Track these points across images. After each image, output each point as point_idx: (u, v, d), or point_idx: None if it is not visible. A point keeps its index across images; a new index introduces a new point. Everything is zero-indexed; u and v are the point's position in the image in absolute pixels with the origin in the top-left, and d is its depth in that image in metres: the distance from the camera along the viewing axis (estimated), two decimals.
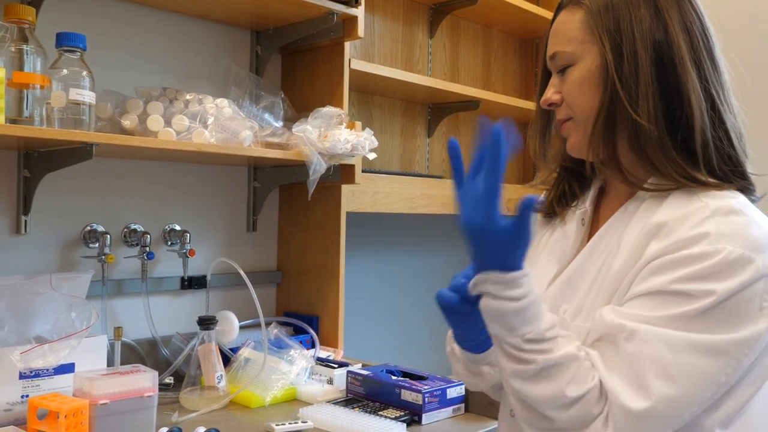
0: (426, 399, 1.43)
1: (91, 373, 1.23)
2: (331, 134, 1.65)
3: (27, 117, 1.28)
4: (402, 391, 1.46)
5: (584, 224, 0.99)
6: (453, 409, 1.49)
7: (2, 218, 1.49)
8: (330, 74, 1.85)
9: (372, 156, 1.75)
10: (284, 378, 1.55)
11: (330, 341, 1.86)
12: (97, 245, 1.58)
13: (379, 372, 1.56)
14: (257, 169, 1.92)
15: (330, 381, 1.61)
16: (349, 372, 1.58)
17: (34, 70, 1.29)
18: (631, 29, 0.87)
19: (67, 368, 1.32)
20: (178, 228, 1.74)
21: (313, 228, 1.91)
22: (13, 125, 1.23)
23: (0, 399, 1.25)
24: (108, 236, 1.58)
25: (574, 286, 0.92)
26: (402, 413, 1.43)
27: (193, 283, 1.75)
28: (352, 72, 1.85)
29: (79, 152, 1.33)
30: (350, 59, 1.83)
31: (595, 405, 0.79)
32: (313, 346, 1.81)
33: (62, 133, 1.27)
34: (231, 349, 1.67)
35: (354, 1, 1.73)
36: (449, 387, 1.48)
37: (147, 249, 1.63)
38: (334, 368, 1.63)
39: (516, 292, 0.80)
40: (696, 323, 0.77)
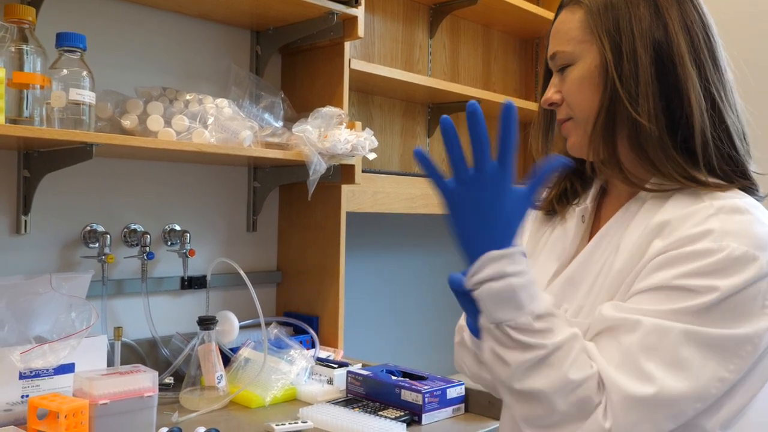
0: (426, 399, 1.42)
1: (91, 373, 1.23)
2: (331, 134, 1.65)
3: (27, 117, 1.28)
4: (402, 391, 1.46)
5: (584, 221, 0.99)
6: (453, 409, 1.49)
7: (2, 218, 1.49)
8: (330, 74, 1.85)
9: (372, 156, 1.75)
10: (284, 378, 1.55)
11: (330, 341, 1.86)
12: (97, 245, 1.58)
13: (379, 372, 1.56)
14: (257, 169, 1.92)
15: (330, 381, 1.61)
16: (349, 372, 1.58)
17: (34, 70, 1.29)
18: (631, 28, 0.87)
19: (67, 368, 1.32)
20: (178, 228, 1.74)
21: (313, 228, 1.91)
22: (13, 125, 1.23)
23: (0, 399, 1.25)
24: (108, 236, 1.58)
25: (575, 286, 0.92)
26: (402, 413, 1.42)
27: (193, 283, 1.75)
28: (352, 72, 1.85)
29: (79, 152, 1.33)
30: (350, 59, 1.83)
31: (596, 393, 0.78)
32: (313, 346, 1.81)
33: (62, 133, 1.27)
34: (231, 349, 1.67)
35: (354, 1, 1.73)
36: (449, 387, 1.48)
37: (147, 249, 1.63)
38: (334, 368, 1.63)
39: (520, 267, 0.80)
40: (699, 318, 0.77)
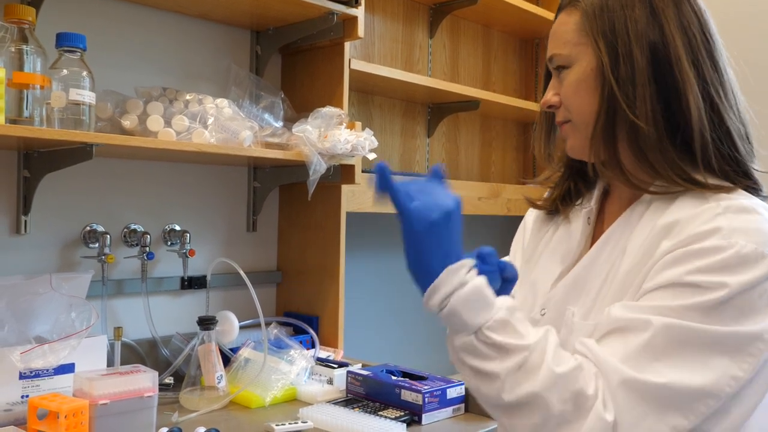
0: (426, 399, 1.42)
1: (91, 373, 1.23)
2: (331, 134, 1.65)
3: (27, 117, 1.28)
4: (402, 391, 1.46)
5: (590, 223, 0.98)
6: (453, 409, 1.49)
7: (2, 218, 1.49)
8: (330, 74, 1.84)
9: (372, 156, 1.74)
10: (284, 378, 1.55)
11: (330, 341, 1.86)
12: (97, 245, 1.58)
13: (379, 372, 1.56)
14: (257, 169, 1.92)
15: (330, 381, 1.61)
16: (349, 372, 1.58)
17: (34, 71, 1.29)
18: (626, 30, 0.87)
19: (67, 368, 1.32)
20: (178, 228, 1.74)
21: (313, 228, 1.91)
22: (13, 125, 1.23)
23: (0, 399, 1.25)
24: (108, 236, 1.58)
25: (581, 288, 0.92)
26: (402, 413, 1.42)
27: (193, 283, 1.75)
28: (352, 72, 1.85)
29: (79, 152, 1.33)
30: (350, 59, 1.83)
31: (587, 384, 0.76)
32: (313, 346, 1.81)
33: (62, 134, 1.27)
34: (231, 349, 1.67)
35: (354, 1, 1.73)
36: (449, 387, 1.48)
37: (147, 249, 1.63)
38: (334, 368, 1.62)
39: (474, 272, 0.82)
40: (708, 315, 0.77)
